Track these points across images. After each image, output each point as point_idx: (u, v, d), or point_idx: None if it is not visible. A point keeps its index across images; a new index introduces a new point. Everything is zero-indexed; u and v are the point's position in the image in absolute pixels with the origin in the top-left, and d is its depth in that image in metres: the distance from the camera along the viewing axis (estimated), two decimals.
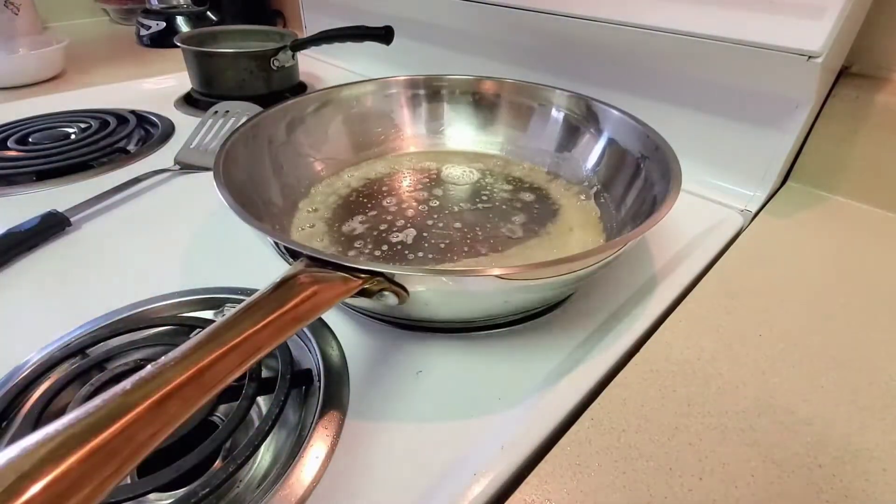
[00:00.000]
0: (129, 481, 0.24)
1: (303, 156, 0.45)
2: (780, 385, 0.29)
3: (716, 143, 0.47)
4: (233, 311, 0.21)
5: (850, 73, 0.47)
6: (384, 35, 0.61)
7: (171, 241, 0.41)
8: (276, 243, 0.27)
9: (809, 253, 0.41)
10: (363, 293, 0.25)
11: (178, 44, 0.65)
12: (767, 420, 0.27)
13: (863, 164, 0.46)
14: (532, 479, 0.24)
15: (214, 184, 0.31)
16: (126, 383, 0.16)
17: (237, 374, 0.19)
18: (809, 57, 0.37)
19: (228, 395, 0.27)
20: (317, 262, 0.24)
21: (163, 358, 0.18)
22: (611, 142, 0.44)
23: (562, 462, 0.25)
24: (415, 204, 0.43)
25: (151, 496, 0.24)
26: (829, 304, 0.35)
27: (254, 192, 0.38)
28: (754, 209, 0.46)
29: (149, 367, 0.17)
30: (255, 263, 0.37)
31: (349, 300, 0.26)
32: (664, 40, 0.44)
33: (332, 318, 0.33)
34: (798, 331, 0.33)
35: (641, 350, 0.31)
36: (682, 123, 0.40)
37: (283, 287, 0.22)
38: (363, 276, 0.24)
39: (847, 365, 0.31)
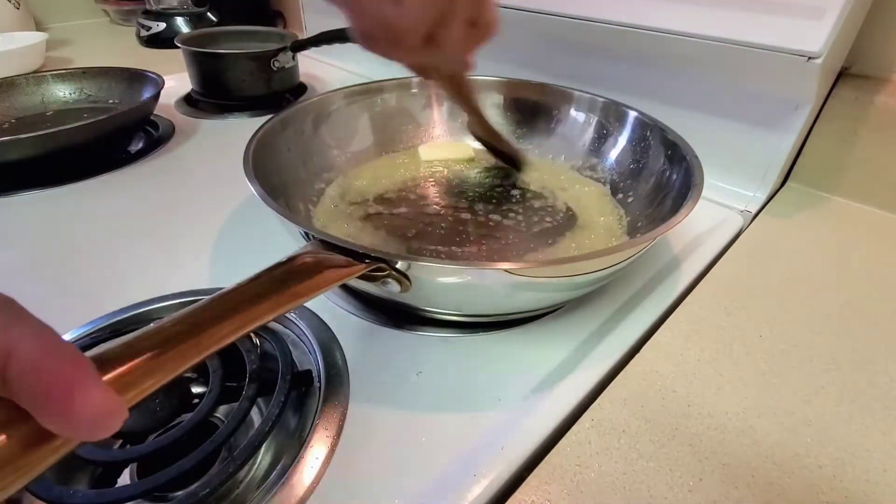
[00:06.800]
0: (129, 482, 0.24)
1: (327, 151, 0.46)
2: (780, 385, 0.29)
3: (716, 143, 0.47)
4: (236, 282, 0.21)
5: (849, 74, 0.47)
6: None
7: (181, 241, 0.41)
8: (288, 225, 0.28)
9: (809, 253, 0.41)
10: (367, 278, 0.25)
11: (179, 45, 0.65)
12: (767, 420, 0.27)
13: (862, 164, 0.46)
14: (532, 479, 0.24)
15: (244, 172, 0.32)
16: (127, 336, 0.17)
17: (232, 340, 0.19)
18: (809, 58, 0.37)
19: (229, 396, 0.27)
20: (325, 244, 0.25)
21: (165, 318, 0.18)
22: (633, 145, 0.44)
23: (562, 463, 0.25)
24: (434, 199, 0.44)
25: (152, 497, 0.24)
26: (829, 304, 0.35)
27: (279, 183, 0.39)
28: (754, 210, 0.46)
29: (151, 324, 0.18)
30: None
31: (356, 284, 0.27)
32: (664, 41, 0.44)
33: (332, 319, 0.33)
34: (798, 331, 0.33)
35: (642, 351, 0.31)
36: (683, 124, 0.40)
37: (288, 264, 0.23)
38: (367, 261, 0.25)
39: (847, 365, 0.31)
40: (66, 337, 0.31)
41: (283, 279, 0.22)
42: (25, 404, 0.12)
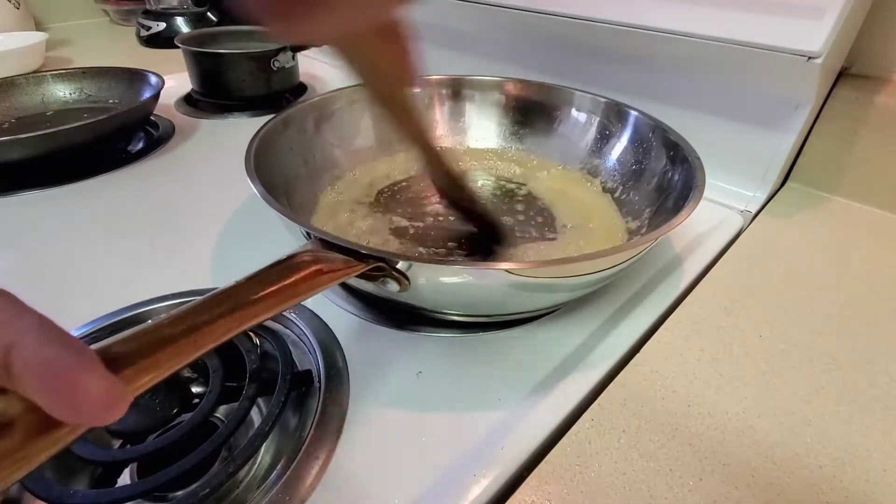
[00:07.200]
0: (129, 482, 0.24)
1: (329, 149, 0.46)
2: (780, 385, 0.29)
3: (716, 143, 0.47)
4: (234, 280, 0.21)
5: (849, 74, 0.47)
6: None
7: (181, 241, 0.41)
8: (288, 223, 0.28)
9: (809, 253, 0.41)
10: (366, 277, 0.25)
11: (179, 44, 0.65)
12: (767, 420, 0.27)
13: (862, 164, 0.46)
14: (532, 479, 0.24)
15: (245, 171, 0.32)
16: (125, 333, 0.17)
17: (229, 337, 0.19)
18: (809, 58, 0.37)
19: (229, 396, 0.27)
20: (324, 243, 0.25)
21: (162, 315, 0.18)
22: (634, 145, 0.44)
23: (562, 463, 0.25)
24: (435, 199, 0.43)
25: (152, 497, 0.24)
26: (829, 304, 0.35)
27: (281, 182, 0.38)
28: (754, 210, 0.46)
29: (148, 321, 0.18)
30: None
31: (355, 283, 0.27)
32: (664, 41, 0.44)
33: (332, 319, 0.33)
34: (798, 331, 0.33)
35: (642, 350, 0.31)
36: (683, 124, 0.40)
37: (286, 263, 0.23)
38: (366, 260, 0.25)
39: (847, 365, 0.31)
40: None
41: (281, 277, 0.22)
42: (30, 393, 0.13)
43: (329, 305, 0.34)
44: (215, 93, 0.67)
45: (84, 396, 0.13)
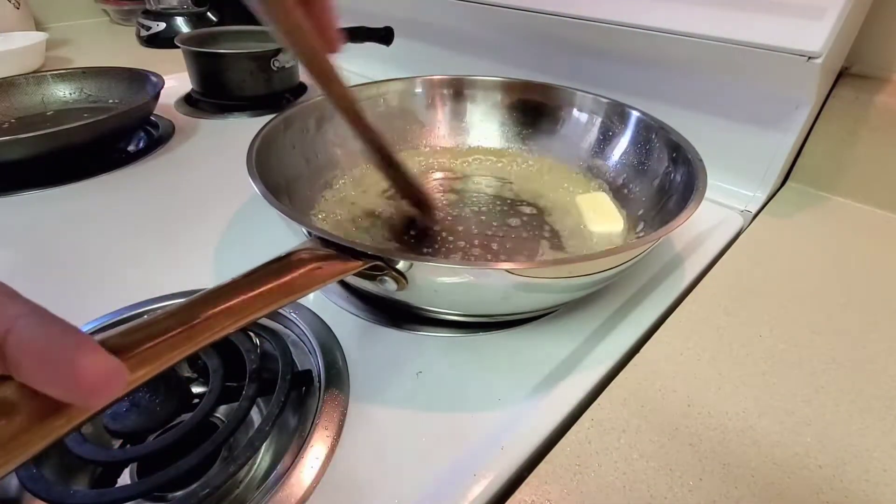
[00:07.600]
0: (129, 481, 0.24)
1: (331, 149, 0.46)
2: (779, 385, 0.29)
3: (716, 143, 0.47)
4: (231, 277, 0.21)
5: (849, 74, 0.47)
6: (384, 36, 0.61)
7: (182, 241, 0.41)
8: (289, 222, 0.28)
9: (809, 253, 0.41)
10: (363, 276, 0.25)
11: (179, 44, 0.65)
12: (767, 420, 0.27)
13: (862, 164, 0.46)
14: (532, 479, 0.24)
15: (246, 170, 0.32)
16: (121, 327, 0.17)
17: (225, 333, 0.19)
18: (809, 57, 0.37)
19: (229, 396, 0.27)
20: (323, 242, 0.25)
21: (158, 311, 0.18)
22: (636, 146, 0.44)
23: (562, 462, 0.25)
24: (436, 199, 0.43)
25: (152, 497, 0.24)
26: (829, 304, 0.35)
27: (282, 182, 0.38)
28: (754, 209, 0.46)
29: (145, 316, 0.18)
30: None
31: (354, 282, 0.27)
32: (664, 41, 0.44)
33: (332, 319, 0.33)
34: (798, 331, 0.33)
35: (642, 350, 0.31)
36: (683, 124, 0.40)
37: (284, 260, 0.23)
38: (364, 259, 0.25)
39: (847, 365, 0.31)
40: None
41: (278, 274, 0.22)
42: (27, 375, 0.13)
43: (329, 305, 0.34)
44: (215, 93, 0.67)
45: (80, 373, 0.13)
